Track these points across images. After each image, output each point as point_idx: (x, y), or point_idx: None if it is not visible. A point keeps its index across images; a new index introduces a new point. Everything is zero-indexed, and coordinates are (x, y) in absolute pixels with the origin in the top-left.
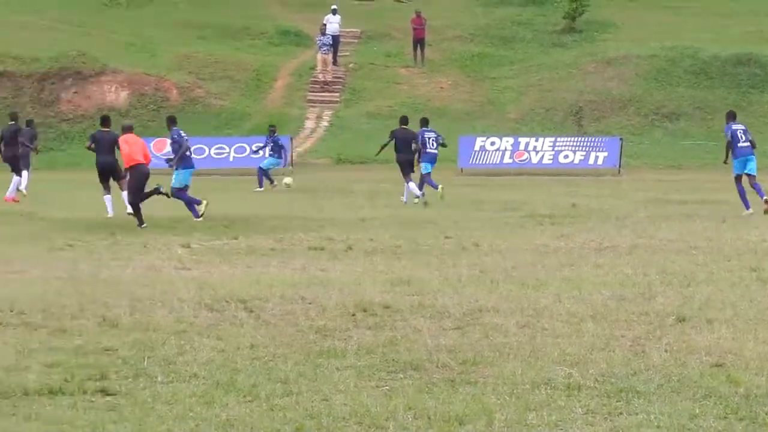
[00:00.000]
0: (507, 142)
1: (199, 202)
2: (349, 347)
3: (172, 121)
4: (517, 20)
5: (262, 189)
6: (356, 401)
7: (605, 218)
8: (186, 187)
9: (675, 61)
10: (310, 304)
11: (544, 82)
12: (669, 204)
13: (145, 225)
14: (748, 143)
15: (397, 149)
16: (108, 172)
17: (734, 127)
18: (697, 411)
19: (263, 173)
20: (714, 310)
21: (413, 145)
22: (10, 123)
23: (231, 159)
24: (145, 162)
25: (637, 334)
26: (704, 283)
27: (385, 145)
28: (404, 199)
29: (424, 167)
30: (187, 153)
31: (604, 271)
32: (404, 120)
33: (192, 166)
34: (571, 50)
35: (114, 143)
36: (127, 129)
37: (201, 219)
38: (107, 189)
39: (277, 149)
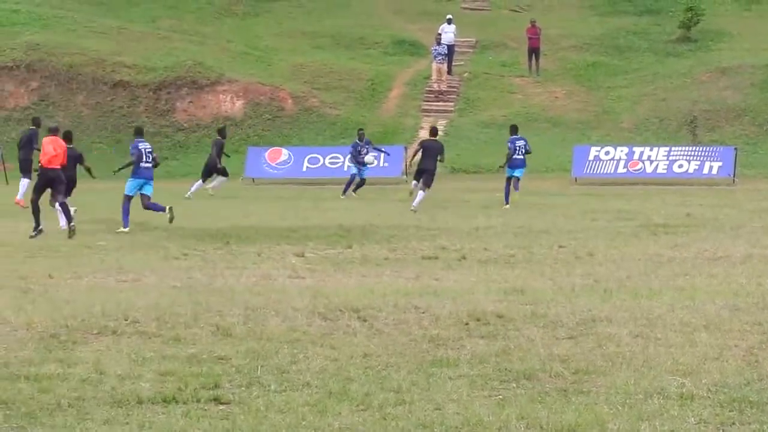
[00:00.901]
0: (621, 151)
1: (126, 218)
2: (462, 356)
3: (137, 132)
4: (632, 30)
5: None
6: (469, 411)
7: (719, 228)
8: (129, 198)
9: None
10: (423, 313)
11: (659, 92)
12: None
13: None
14: None
15: (422, 158)
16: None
17: None
18: None
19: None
20: None
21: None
22: (30, 128)
23: (345, 168)
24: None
25: (751, 344)
26: None
27: (415, 153)
28: (414, 204)
29: (509, 171)
30: (141, 164)
31: (718, 280)
32: (434, 131)
33: (142, 177)
34: (686, 59)
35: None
36: (54, 131)
37: (126, 231)
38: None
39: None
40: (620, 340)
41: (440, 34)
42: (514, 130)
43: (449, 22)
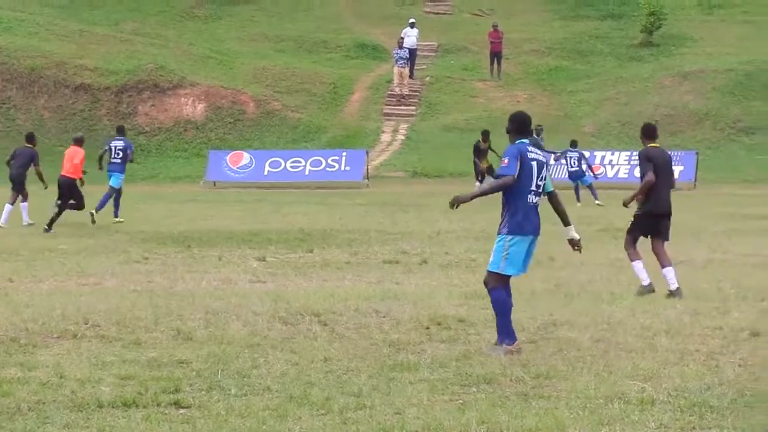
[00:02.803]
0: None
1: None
2: (423, 361)
3: (116, 130)
4: (594, 34)
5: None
6: (429, 415)
7: (680, 232)
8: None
9: (752, 75)
10: (384, 317)
11: (621, 96)
12: (745, 219)
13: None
14: None
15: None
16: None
17: None
18: None
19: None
20: None
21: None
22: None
23: (307, 172)
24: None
25: (711, 348)
26: None
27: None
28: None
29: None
30: (111, 159)
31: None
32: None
33: (109, 171)
34: (648, 64)
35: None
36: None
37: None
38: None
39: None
40: (581, 344)
41: (402, 38)
42: (573, 144)
43: (412, 26)
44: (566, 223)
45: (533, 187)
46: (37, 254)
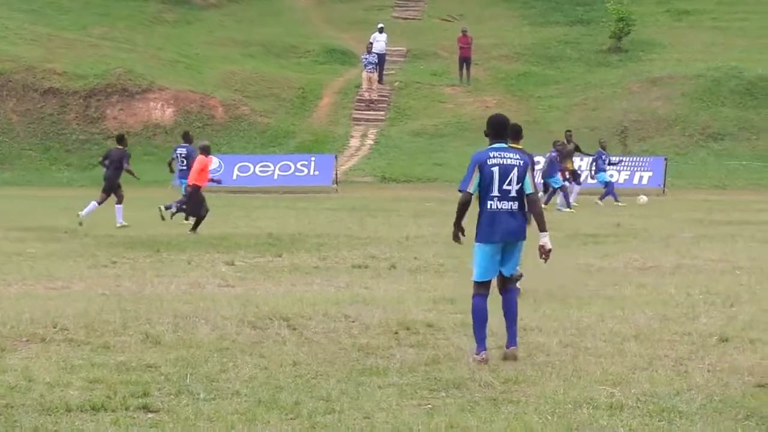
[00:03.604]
0: None
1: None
2: (392, 365)
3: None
4: (563, 39)
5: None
6: (398, 419)
7: (649, 238)
8: None
9: (721, 81)
10: (353, 322)
11: (589, 102)
12: (713, 224)
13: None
14: None
15: None
16: None
17: None
18: (739, 431)
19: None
20: (757, 331)
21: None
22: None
23: (275, 177)
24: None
25: (680, 354)
26: (748, 303)
27: None
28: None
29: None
30: None
31: (648, 291)
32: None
33: None
34: (617, 70)
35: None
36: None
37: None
38: None
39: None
40: (550, 349)
41: (371, 43)
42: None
43: (381, 31)
44: (540, 228)
45: (495, 193)
46: (6, 258)
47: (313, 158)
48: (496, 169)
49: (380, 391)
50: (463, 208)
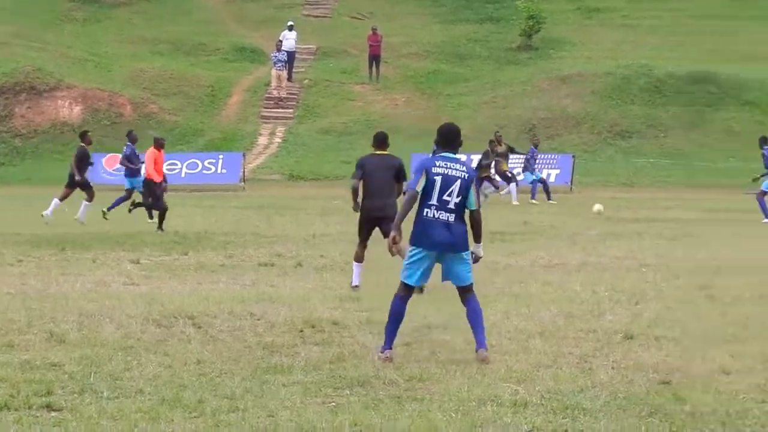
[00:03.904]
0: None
1: None
2: (296, 363)
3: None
4: (473, 37)
5: None
6: (302, 418)
7: (556, 236)
8: None
9: (630, 79)
10: (258, 320)
11: (499, 100)
12: (620, 222)
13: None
14: None
15: None
16: None
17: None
18: (643, 428)
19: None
20: (662, 328)
21: None
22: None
23: (183, 175)
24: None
25: (585, 351)
26: (653, 300)
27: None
28: None
29: None
30: None
31: (553, 288)
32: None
33: None
34: (526, 67)
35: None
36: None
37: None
38: None
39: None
40: (455, 347)
41: (281, 41)
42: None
43: (290, 28)
44: (476, 239)
45: (433, 202)
46: None
47: (221, 156)
48: (438, 179)
49: (284, 390)
50: (409, 203)
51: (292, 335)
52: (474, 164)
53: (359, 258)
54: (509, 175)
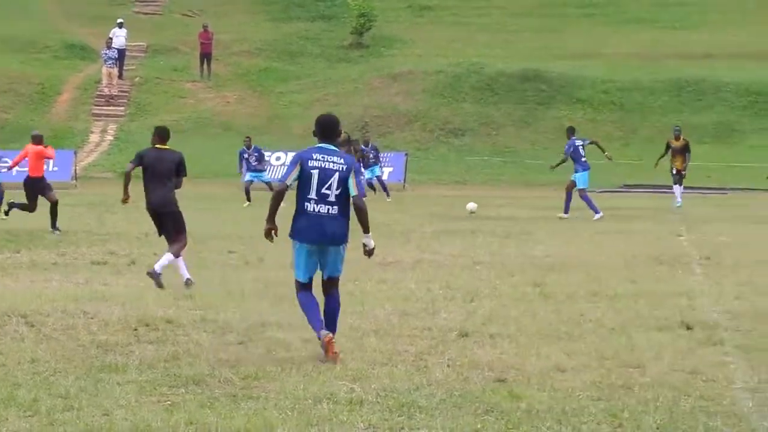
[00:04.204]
0: (292, 157)
1: None
2: (131, 362)
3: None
4: (304, 35)
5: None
6: (137, 416)
7: (390, 233)
8: None
9: (461, 77)
10: (92, 318)
11: (330, 97)
12: (454, 219)
13: None
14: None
15: None
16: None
17: (577, 142)
18: (479, 426)
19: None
20: (497, 326)
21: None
22: None
23: (14, 173)
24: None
25: (420, 349)
26: (487, 298)
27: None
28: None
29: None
30: None
31: (388, 286)
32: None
33: None
34: (358, 65)
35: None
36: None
37: None
38: None
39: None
40: (290, 345)
41: (111, 38)
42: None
43: (120, 26)
44: (364, 230)
45: (312, 195)
46: None
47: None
48: (316, 172)
49: (119, 388)
50: (276, 198)
51: (126, 334)
52: None
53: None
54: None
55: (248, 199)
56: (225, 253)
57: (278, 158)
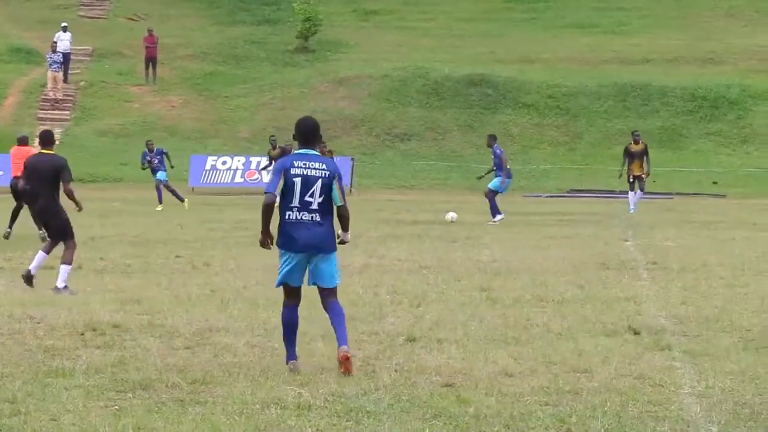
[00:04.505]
0: (239, 161)
1: None
2: (78, 367)
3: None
4: (250, 39)
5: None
6: (85, 421)
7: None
8: None
9: (407, 81)
10: (38, 323)
11: (277, 102)
12: (400, 224)
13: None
14: None
15: None
16: None
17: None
18: (427, 431)
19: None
20: (444, 330)
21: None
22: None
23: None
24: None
25: (368, 353)
26: (435, 303)
27: None
28: None
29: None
30: None
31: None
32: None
33: None
34: (304, 69)
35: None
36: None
37: None
38: None
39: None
40: (237, 350)
41: (56, 42)
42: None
43: (64, 29)
44: (343, 228)
45: (295, 204)
46: None
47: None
48: (298, 180)
49: (66, 393)
50: (267, 209)
51: (73, 338)
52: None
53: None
54: None
55: (160, 201)
56: (171, 258)
57: (224, 162)
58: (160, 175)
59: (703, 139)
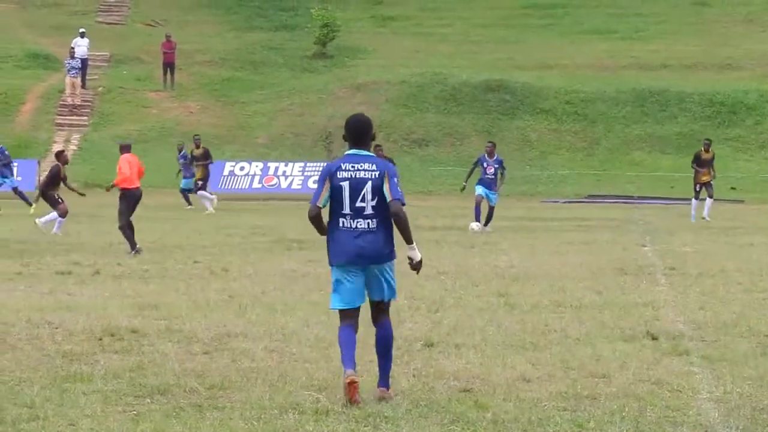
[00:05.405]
0: (256, 167)
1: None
2: (96, 372)
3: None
4: (267, 45)
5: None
6: (103, 426)
7: None
8: None
9: (425, 87)
10: (56, 328)
11: (294, 107)
12: (418, 229)
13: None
14: None
15: None
16: None
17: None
18: None
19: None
20: (462, 336)
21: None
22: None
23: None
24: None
25: None
26: (452, 308)
27: None
28: None
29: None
30: None
31: None
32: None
33: None
34: (322, 75)
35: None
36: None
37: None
38: None
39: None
40: (255, 355)
41: (73, 48)
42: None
43: (82, 35)
44: (407, 241)
45: (347, 211)
46: None
47: (15, 164)
48: (346, 184)
49: (85, 398)
50: (313, 221)
51: (91, 343)
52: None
53: None
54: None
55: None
56: (190, 263)
57: (242, 168)
58: (184, 183)
59: (721, 145)
